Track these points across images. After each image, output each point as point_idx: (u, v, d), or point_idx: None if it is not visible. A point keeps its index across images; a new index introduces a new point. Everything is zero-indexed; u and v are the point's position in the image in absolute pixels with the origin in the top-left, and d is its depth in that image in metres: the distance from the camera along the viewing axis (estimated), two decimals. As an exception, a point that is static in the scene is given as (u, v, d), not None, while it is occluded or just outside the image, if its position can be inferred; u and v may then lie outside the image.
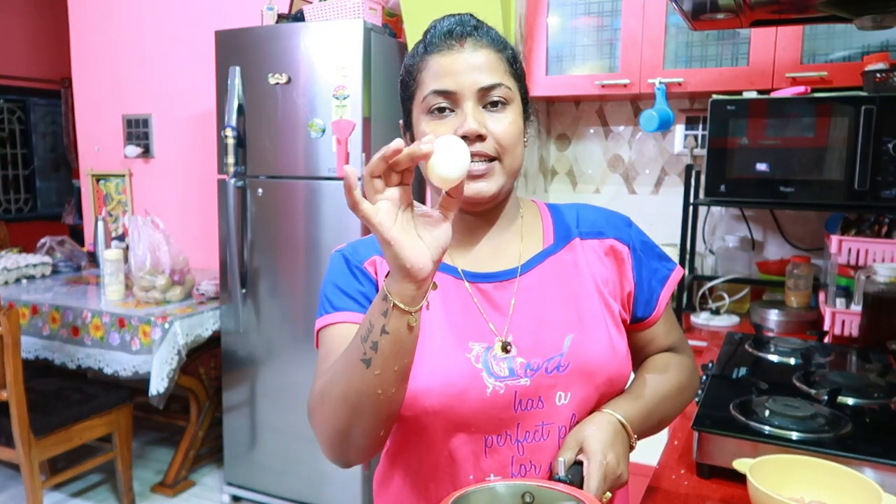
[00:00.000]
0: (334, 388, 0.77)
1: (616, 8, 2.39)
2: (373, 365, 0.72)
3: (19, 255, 3.25)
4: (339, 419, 0.78)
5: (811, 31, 2.14)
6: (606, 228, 0.97)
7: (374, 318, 0.72)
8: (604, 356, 0.88)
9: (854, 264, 1.91)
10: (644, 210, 2.72)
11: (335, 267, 0.93)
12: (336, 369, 0.78)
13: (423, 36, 0.90)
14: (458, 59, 0.85)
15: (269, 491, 2.70)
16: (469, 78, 0.84)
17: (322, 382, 0.81)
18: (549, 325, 0.88)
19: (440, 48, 0.86)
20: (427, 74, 0.86)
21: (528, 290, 0.90)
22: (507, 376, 0.84)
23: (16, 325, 2.30)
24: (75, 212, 5.22)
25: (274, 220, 2.56)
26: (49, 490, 2.87)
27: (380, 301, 0.72)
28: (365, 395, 0.75)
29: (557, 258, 0.93)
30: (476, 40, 0.86)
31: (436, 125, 0.85)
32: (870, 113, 1.84)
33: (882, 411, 1.24)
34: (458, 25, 0.87)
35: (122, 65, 3.58)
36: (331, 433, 0.80)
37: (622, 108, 2.71)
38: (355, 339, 0.75)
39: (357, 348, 0.74)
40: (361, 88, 2.34)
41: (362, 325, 0.74)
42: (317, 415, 0.81)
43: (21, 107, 5.44)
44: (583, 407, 0.88)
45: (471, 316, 0.88)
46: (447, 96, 0.84)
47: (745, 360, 1.57)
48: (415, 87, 0.88)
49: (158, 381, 2.50)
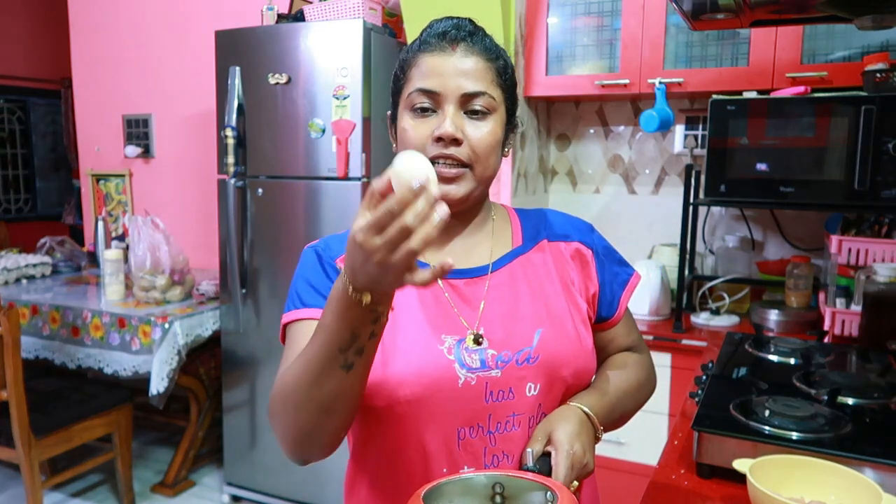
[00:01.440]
0: (302, 393, 0.77)
1: (616, 8, 2.39)
2: (355, 369, 0.73)
3: (19, 255, 3.25)
4: (307, 421, 0.78)
5: (811, 31, 2.14)
6: (572, 232, 1.01)
7: (360, 327, 0.71)
8: (571, 350, 0.92)
9: (854, 264, 1.91)
10: (644, 210, 2.72)
11: (307, 263, 0.93)
12: (302, 375, 0.76)
13: (419, 34, 0.92)
14: (447, 61, 0.86)
15: (269, 491, 2.70)
16: (454, 81, 0.86)
17: (286, 385, 0.80)
18: (519, 319, 0.91)
19: (432, 48, 0.88)
20: (416, 72, 0.88)
21: (498, 286, 0.93)
22: (478, 367, 0.87)
23: (16, 325, 2.30)
24: (75, 212, 5.22)
25: (274, 220, 2.56)
26: (49, 490, 2.87)
27: (364, 310, 0.69)
28: (342, 397, 0.76)
29: (526, 258, 0.96)
30: (468, 46, 0.88)
31: (416, 123, 0.87)
32: (870, 113, 1.84)
33: (882, 411, 1.24)
34: (454, 29, 0.88)
35: (122, 65, 3.58)
36: (297, 434, 0.81)
37: (622, 108, 2.71)
38: (330, 348, 0.73)
39: (334, 357, 0.72)
40: (361, 88, 2.34)
41: (337, 335, 0.72)
42: (281, 417, 0.81)
43: (21, 107, 5.44)
44: (550, 398, 0.91)
45: (443, 310, 0.90)
46: (431, 96, 0.86)
47: (745, 360, 1.57)
48: (403, 81, 0.90)
49: (158, 381, 2.50)
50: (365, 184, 2.41)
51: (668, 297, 2.41)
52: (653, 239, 2.71)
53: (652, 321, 2.36)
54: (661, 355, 2.19)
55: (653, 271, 2.38)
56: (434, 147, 0.86)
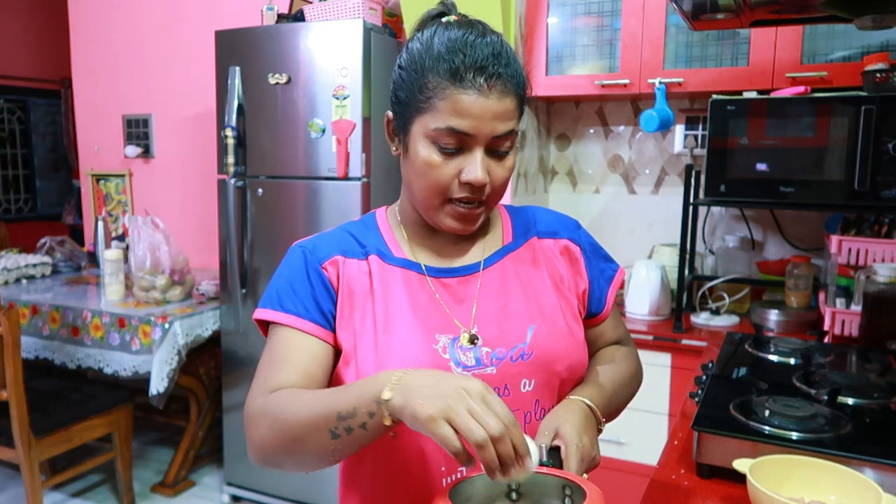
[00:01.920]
0: (288, 426, 0.77)
1: (616, 8, 2.39)
2: (338, 440, 0.74)
3: (19, 255, 3.25)
4: (281, 448, 0.79)
5: (811, 31, 2.14)
6: (560, 230, 1.01)
7: (361, 409, 0.71)
8: (564, 345, 0.92)
9: (854, 264, 1.91)
10: (644, 210, 2.72)
11: (292, 262, 0.92)
12: (296, 411, 0.77)
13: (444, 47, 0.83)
14: (483, 104, 0.81)
15: (269, 491, 2.70)
16: (488, 125, 0.82)
17: (272, 404, 0.80)
18: (512, 316, 0.91)
19: (467, 86, 0.80)
20: (446, 105, 0.81)
21: (490, 283, 0.93)
22: (473, 366, 0.87)
23: (16, 325, 2.30)
24: (75, 212, 5.22)
25: (274, 220, 2.56)
26: (49, 490, 2.87)
27: (372, 402, 0.71)
28: (319, 452, 0.77)
29: (517, 255, 0.97)
30: (504, 84, 0.82)
31: (442, 161, 0.84)
32: (870, 113, 1.84)
33: (882, 411, 1.24)
34: (492, 63, 0.81)
35: (122, 65, 3.58)
36: (267, 453, 0.81)
37: (622, 108, 2.71)
38: (330, 407, 0.74)
39: (329, 418, 0.73)
40: (361, 88, 2.34)
41: (343, 401, 0.73)
42: (258, 430, 0.81)
43: (21, 107, 5.44)
44: (545, 393, 0.91)
45: (435, 309, 0.90)
46: (460, 136, 0.82)
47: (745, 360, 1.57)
48: (426, 106, 0.83)
49: (158, 381, 2.50)
50: (365, 184, 2.41)
51: (668, 297, 2.41)
52: (653, 239, 2.71)
53: (652, 321, 2.36)
54: (661, 355, 2.19)
55: (653, 271, 2.38)
56: (460, 190, 0.85)
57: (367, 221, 0.99)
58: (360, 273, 0.91)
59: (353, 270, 0.91)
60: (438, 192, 0.85)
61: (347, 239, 0.94)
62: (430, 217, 0.90)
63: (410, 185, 0.89)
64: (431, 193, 0.85)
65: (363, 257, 0.92)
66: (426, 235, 0.95)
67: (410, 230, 0.96)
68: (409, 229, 0.96)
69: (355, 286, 0.90)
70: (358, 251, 0.92)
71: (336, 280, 0.90)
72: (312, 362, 0.86)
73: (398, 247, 0.94)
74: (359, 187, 2.40)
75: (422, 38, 0.86)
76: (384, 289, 0.90)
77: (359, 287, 0.90)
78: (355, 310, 0.89)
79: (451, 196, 0.85)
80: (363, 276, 0.90)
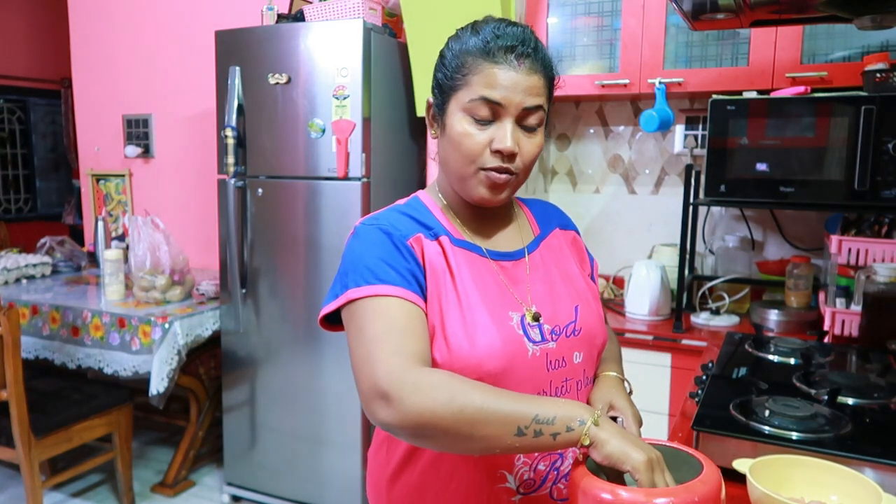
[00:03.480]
0: (472, 407, 0.78)
1: (616, 8, 2.39)
2: (521, 438, 0.78)
3: (19, 255, 3.25)
4: (452, 425, 0.79)
5: (811, 31, 2.14)
6: (567, 223, 1.16)
7: (561, 420, 0.79)
8: (599, 322, 1.05)
9: (854, 264, 1.91)
10: (644, 210, 2.72)
11: (375, 240, 0.93)
12: (487, 398, 0.79)
13: (478, 32, 0.93)
14: (513, 76, 0.90)
15: (269, 491, 2.70)
16: (518, 96, 0.90)
17: (450, 380, 0.81)
18: (560, 296, 1.02)
19: (499, 60, 0.90)
20: (479, 79, 0.91)
21: (536, 268, 1.03)
22: (539, 340, 0.96)
23: (16, 325, 2.30)
24: (75, 212, 5.22)
25: (274, 220, 2.56)
26: (49, 490, 2.87)
27: (576, 418, 0.79)
28: (490, 442, 0.79)
29: (547, 243, 1.08)
30: (532, 62, 0.92)
31: (475, 131, 0.92)
32: (870, 113, 1.84)
33: (882, 411, 1.24)
34: (521, 44, 0.91)
35: (122, 65, 3.58)
36: (428, 423, 0.79)
37: (622, 108, 2.71)
38: (529, 408, 0.79)
39: (524, 417, 0.78)
40: (361, 88, 2.34)
41: (543, 406, 0.79)
42: (431, 398, 0.79)
43: (21, 107, 5.44)
44: (589, 363, 1.03)
45: (500, 289, 0.98)
46: (493, 107, 0.91)
47: (745, 360, 1.57)
48: (461, 82, 0.93)
49: (158, 381, 2.50)
50: (365, 184, 2.41)
51: (668, 297, 2.41)
52: (653, 239, 2.71)
53: (652, 321, 2.36)
54: (661, 355, 2.19)
55: (653, 271, 2.38)
56: (491, 158, 0.92)
57: (417, 206, 1.02)
58: (437, 253, 0.96)
59: (431, 250, 0.95)
60: (471, 161, 0.93)
61: (413, 221, 0.98)
62: (462, 188, 0.97)
63: (447, 160, 0.97)
64: (465, 162, 0.93)
65: (433, 238, 0.97)
66: (477, 221, 1.03)
67: (461, 216, 1.02)
68: (459, 215, 1.02)
69: (436, 264, 0.95)
70: (427, 232, 0.97)
71: (422, 256, 0.95)
72: (426, 331, 0.90)
73: (456, 230, 1.00)
74: (359, 187, 2.40)
75: (461, 33, 0.97)
76: (459, 268, 0.95)
77: (439, 267, 0.95)
78: (438, 286, 0.93)
79: (482, 165, 0.93)
80: (438, 256, 0.95)
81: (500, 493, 0.94)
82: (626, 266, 2.67)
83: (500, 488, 0.94)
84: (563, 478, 0.97)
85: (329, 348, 2.49)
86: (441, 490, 0.96)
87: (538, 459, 0.95)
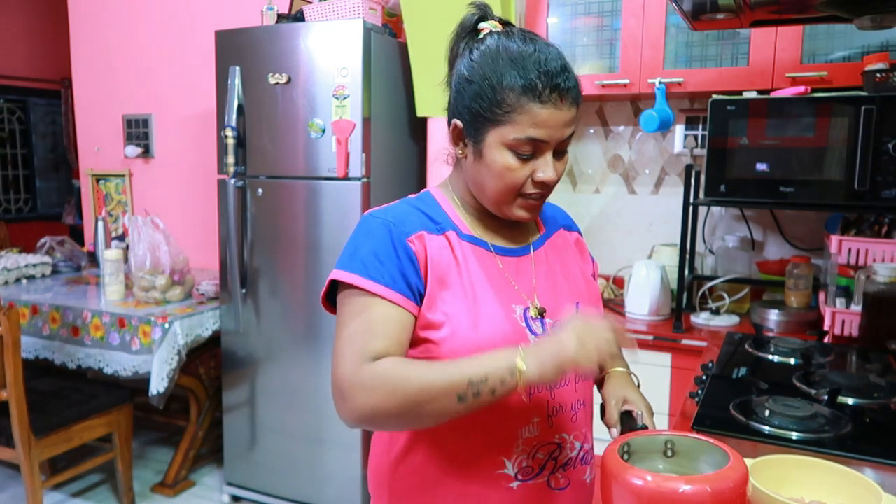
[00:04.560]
0: (412, 391, 0.86)
1: (616, 8, 2.39)
2: (464, 403, 0.85)
3: (19, 255, 3.25)
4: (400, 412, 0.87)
5: (811, 31, 2.14)
6: (571, 224, 1.19)
7: (493, 376, 0.84)
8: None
9: (854, 264, 1.91)
10: (644, 210, 2.72)
11: (376, 233, 0.96)
12: (422, 378, 0.86)
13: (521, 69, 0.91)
14: (557, 116, 0.92)
15: (269, 491, 2.70)
16: (559, 132, 0.93)
17: (391, 372, 0.87)
18: (562, 292, 1.05)
19: (544, 100, 0.90)
20: (525, 118, 0.91)
21: (541, 264, 1.06)
22: (541, 334, 0.99)
23: (16, 325, 2.30)
24: (75, 212, 5.22)
25: (274, 220, 2.56)
26: (49, 490, 2.87)
27: (506, 368, 0.84)
28: (437, 414, 0.87)
29: (552, 242, 1.11)
30: (571, 95, 0.93)
31: (518, 164, 0.94)
32: (870, 113, 1.84)
33: (882, 411, 1.24)
34: (563, 79, 0.91)
35: (122, 65, 3.58)
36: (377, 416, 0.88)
37: (622, 108, 2.71)
38: (461, 374, 0.85)
39: (459, 384, 0.84)
40: (361, 88, 2.34)
41: (474, 367, 0.85)
42: (373, 395, 0.87)
43: (21, 107, 5.44)
44: None
45: (505, 283, 1.00)
46: (537, 143, 0.93)
47: (745, 360, 1.57)
48: (504, 119, 0.92)
49: (158, 381, 2.50)
50: (365, 184, 2.41)
51: (668, 297, 2.41)
52: (653, 239, 2.71)
53: (652, 321, 2.36)
54: (661, 355, 2.19)
55: (653, 271, 2.38)
56: (533, 187, 0.96)
57: (427, 201, 1.04)
58: (441, 248, 0.98)
59: (434, 245, 0.97)
60: (513, 191, 0.96)
61: (422, 215, 1.00)
62: (499, 210, 1.00)
63: (482, 185, 0.98)
64: (507, 192, 0.96)
65: (440, 233, 0.99)
66: (484, 219, 1.05)
67: (470, 213, 1.05)
68: (469, 212, 1.05)
69: (439, 259, 0.97)
70: (434, 227, 0.99)
71: (422, 254, 0.96)
72: (403, 332, 0.93)
73: (465, 225, 1.03)
74: (359, 187, 2.40)
75: (487, 50, 0.94)
76: (465, 262, 0.98)
77: (442, 260, 0.97)
78: (443, 281, 0.96)
79: (524, 192, 0.97)
80: (444, 251, 0.98)
81: (499, 479, 0.97)
82: (626, 266, 2.67)
83: (498, 474, 0.96)
84: (560, 468, 1.00)
85: (329, 348, 2.49)
86: (441, 475, 0.98)
87: (537, 448, 0.98)
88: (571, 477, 1.01)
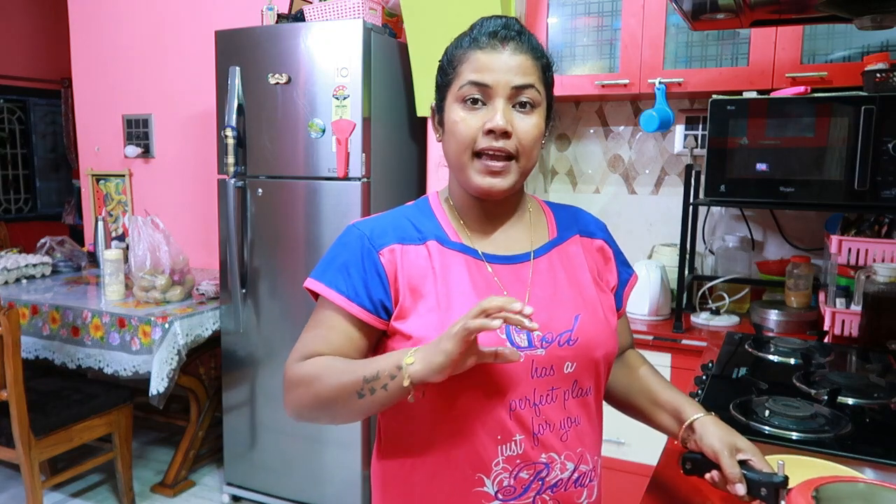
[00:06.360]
0: (319, 388, 0.92)
1: (616, 8, 2.39)
2: (364, 400, 0.88)
3: (19, 255, 3.25)
4: (316, 408, 0.95)
5: (811, 31, 2.14)
6: (597, 231, 1.11)
7: (383, 372, 0.86)
8: (603, 334, 1.00)
9: (854, 264, 1.91)
10: (644, 210, 2.72)
11: (350, 244, 0.98)
12: (329, 378, 0.91)
13: (468, 30, 0.97)
14: (498, 58, 0.92)
15: (269, 491, 2.70)
16: (505, 76, 0.91)
17: (308, 372, 0.94)
18: (560, 304, 0.98)
19: (483, 46, 0.93)
20: (467, 66, 0.93)
21: (540, 273, 1.01)
22: (526, 346, 0.94)
23: (16, 325, 2.30)
24: (75, 212, 5.23)
25: (274, 220, 2.56)
26: (49, 490, 2.87)
27: (395, 364, 0.85)
28: (347, 411, 0.92)
29: (562, 248, 1.05)
30: (517, 44, 0.93)
31: (467, 115, 0.93)
32: (870, 113, 1.84)
33: (882, 411, 1.24)
34: (504, 28, 0.93)
35: (122, 65, 3.58)
36: (302, 413, 0.97)
37: (622, 108, 2.71)
38: (358, 373, 0.88)
39: (356, 382, 0.88)
40: (361, 88, 2.34)
41: (369, 367, 0.88)
42: (295, 393, 0.96)
43: (21, 107, 5.45)
44: (584, 374, 0.99)
45: (492, 291, 0.96)
46: (482, 89, 0.92)
47: (745, 360, 1.57)
48: (453, 76, 0.95)
49: (158, 381, 2.50)
50: (365, 184, 2.41)
51: (668, 297, 2.41)
52: (653, 239, 2.71)
53: (652, 321, 2.36)
54: (661, 355, 2.19)
55: (653, 271, 2.38)
56: (484, 139, 0.92)
57: (421, 207, 1.04)
58: (418, 258, 0.97)
59: (410, 256, 0.97)
60: (466, 146, 0.93)
61: (405, 225, 1.00)
62: (464, 180, 0.97)
63: (447, 154, 0.98)
64: (461, 149, 0.94)
65: (420, 242, 0.98)
66: (481, 221, 1.02)
67: (465, 216, 1.02)
68: (463, 215, 1.02)
69: (414, 271, 0.96)
70: (415, 237, 0.98)
71: (392, 268, 0.96)
72: (348, 344, 0.96)
73: (455, 233, 1.00)
74: (359, 187, 2.40)
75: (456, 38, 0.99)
76: (444, 271, 0.96)
77: (417, 271, 0.96)
78: (415, 293, 0.95)
79: (477, 148, 0.93)
80: (421, 261, 0.96)
81: (479, 497, 0.93)
82: (626, 266, 2.67)
83: (477, 492, 0.93)
84: (548, 489, 0.95)
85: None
86: (426, 489, 0.98)
87: (520, 467, 0.93)
88: (562, 499, 0.96)
